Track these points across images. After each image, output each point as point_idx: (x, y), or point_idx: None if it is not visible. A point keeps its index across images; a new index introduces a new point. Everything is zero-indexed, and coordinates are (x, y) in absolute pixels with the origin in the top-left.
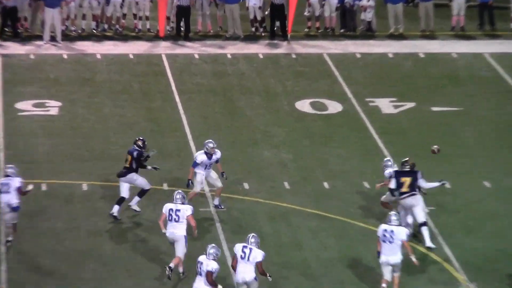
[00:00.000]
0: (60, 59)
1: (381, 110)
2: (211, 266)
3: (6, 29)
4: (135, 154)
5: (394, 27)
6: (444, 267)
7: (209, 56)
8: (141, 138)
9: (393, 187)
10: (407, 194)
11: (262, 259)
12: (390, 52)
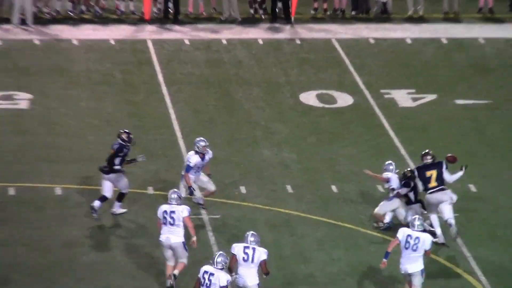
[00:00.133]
0: (31, 45)
1: (398, 103)
2: (225, 280)
3: None
4: (115, 149)
5: (413, 9)
6: (469, 282)
7: (202, 42)
8: (126, 131)
9: (423, 188)
10: (436, 189)
11: (267, 257)
12: (408, 37)
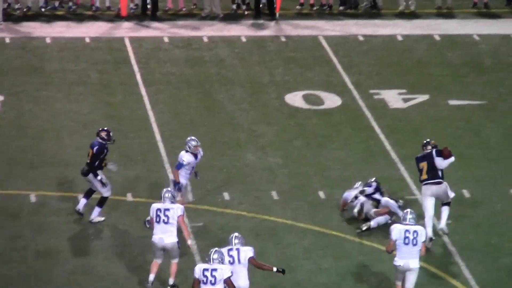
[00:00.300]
0: (1, 44)
1: (388, 104)
2: (229, 270)
3: None
4: (95, 150)
5: (404, 4)
6: None
7: (182, 40)
8: (106, 129)
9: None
10: (430, 181)
11: (254, 254)
12: (399, 34)
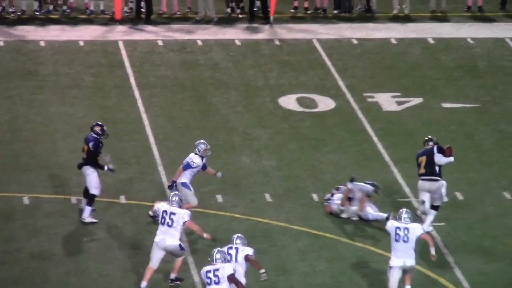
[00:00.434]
0: None
1: (382, 107)
2: (231, 268)
3: None
4: (91, 146)
5: (398, 7)
6: None
7: (176, 43)
8: (99, 123)
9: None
10: (426, 178)
11: (253, 254)
12: (393, 38)
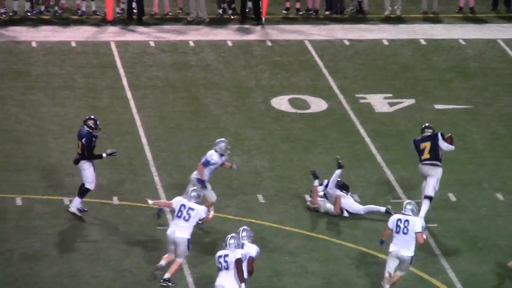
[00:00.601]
0: None
1: (374, 109)
2: (239, 253)
3: None
4: (84, 141)
5: (390, 8)
6: None
7: (168, 44)
8: (92, 117)
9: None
10: (428, 162)
11: (256, 255)
12: (385, 39)
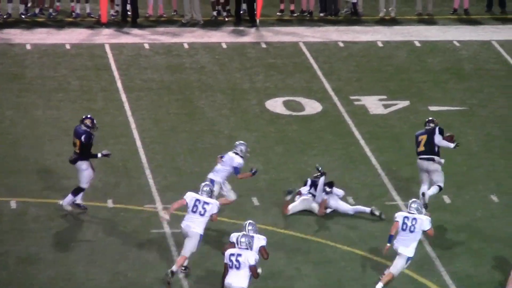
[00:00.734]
0: None
1: (369, 110)
2: (253, 259)
3: None
4: (83, 139)
5: (385, 10)
6: None
7: (162, 46)
8: (89, 116)
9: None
10: (423, 156)
11: (265, 244)
12: (380, 40)
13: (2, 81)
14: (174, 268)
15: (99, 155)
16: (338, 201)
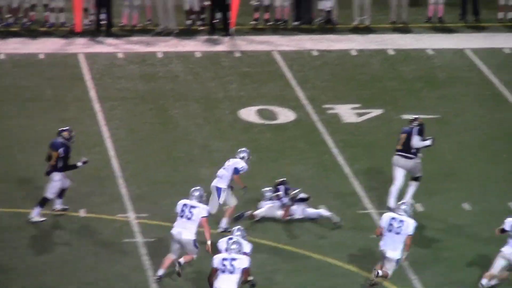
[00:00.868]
0: None
1: (342, 119)
2: (247, 262)
3: None
4: (62, 152)
5: (359, 19)
6: None
7: (136, 56)
8: (67, 128)
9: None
10: (401, 153)
11: (250, 252)
12: (354, 49)
13: None
14: (182, 260)
15: (79, 164)
16: (305, 209)
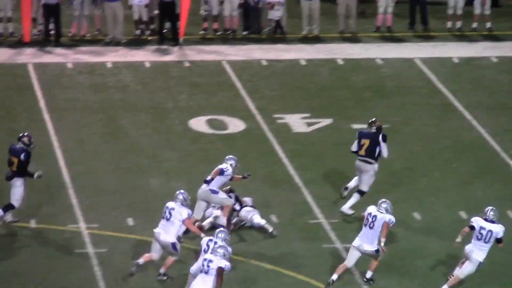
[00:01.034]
0: None
1: (292, 129)
2: (223, 263)
3: None
4: (23, 157)
5: (308, 28)
6: None
7: (85, 66)
8: (27, 134)
9: (354, 150)
10: (363, 158)
11: (231, 253)
12: (303, 59)
13: None
14: (162, 270)
15: (35, 176)
16: (253, 216)
